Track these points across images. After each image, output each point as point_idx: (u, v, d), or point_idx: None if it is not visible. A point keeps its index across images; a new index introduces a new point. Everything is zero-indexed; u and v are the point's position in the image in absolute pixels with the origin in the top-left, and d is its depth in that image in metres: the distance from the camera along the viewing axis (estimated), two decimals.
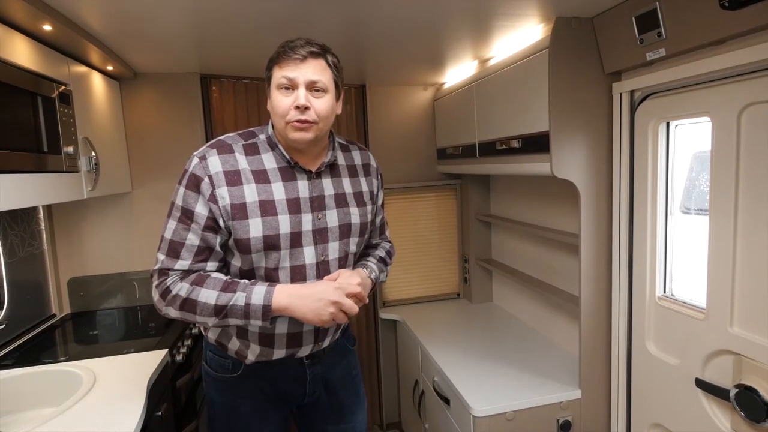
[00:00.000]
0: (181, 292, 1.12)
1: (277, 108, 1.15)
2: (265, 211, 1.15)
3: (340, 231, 1.25)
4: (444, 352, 1.99)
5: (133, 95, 2.20)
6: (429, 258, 2.74)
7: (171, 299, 1.13)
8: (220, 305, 1.11)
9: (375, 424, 2.83)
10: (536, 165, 1.59)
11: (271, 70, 1.17)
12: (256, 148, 1.20)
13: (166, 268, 1.15)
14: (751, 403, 1.14)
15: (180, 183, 1.16)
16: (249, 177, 1.16)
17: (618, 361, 1.60)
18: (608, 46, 1.45)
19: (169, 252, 1.15)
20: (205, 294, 1.12)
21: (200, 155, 1.16)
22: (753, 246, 1.15)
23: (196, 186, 1.14)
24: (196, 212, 1.14)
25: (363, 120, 2.61)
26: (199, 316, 1.13)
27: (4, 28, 1.31)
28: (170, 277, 1.14)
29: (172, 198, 1.17)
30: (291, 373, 1.31)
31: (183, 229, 1.14)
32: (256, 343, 1.24)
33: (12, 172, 1.28)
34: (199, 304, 1.11)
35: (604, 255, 1.59)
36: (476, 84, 2.02)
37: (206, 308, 1.11)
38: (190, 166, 1.15)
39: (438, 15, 1.46)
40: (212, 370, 1.33)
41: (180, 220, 1.14)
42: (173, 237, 1.15)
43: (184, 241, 1.15)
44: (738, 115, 1.14)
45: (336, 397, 1.40)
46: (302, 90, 1.13)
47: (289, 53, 1.14)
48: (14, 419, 1.39)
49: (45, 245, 2.10)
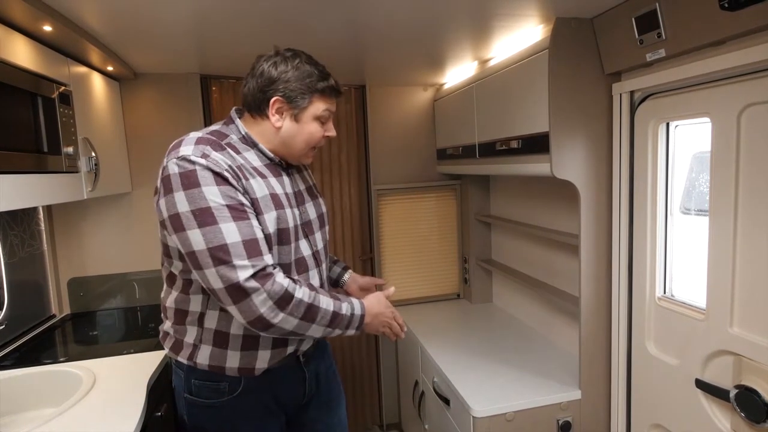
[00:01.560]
0: (305, 297, 1.04)
1: (312, 138, 1.18)
2: (276, 204, 1.14)
3: (319, 222, 1.30)
4: (444, 352, 1.99)
5: (133, 95, 2.20)
6: (429, 258, 2.74)
7: (294, 306, 1.02)
8: (335, 312, 1.08)
9: (375, 424, 2.83)
10: (536, 165, 1.59)
11: (311, 99, 1.16)
12: (235, 147, 1.16)
13: (263, 267, 1.01)
14: (751, 403, 1.14)
15: (197, 185, 1.02)
16: (251, 171, 1.13)
17: (618, 362, 1.60)
18: (608, 46, 1.45)
19: (250, 252, 1.00)
20: (324, 300, 1.07)
21: (198, 154, 1.05)
22: (753, 246, 1.15)
23: (222, 179, 1.03)
24: (244, 201, 1.04)
25: (363, 120, 2.62)
26: (317, 324, 1.06)
27: (4, 28, 1.31)
28: (278, 276, 1.02)
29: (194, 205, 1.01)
30: (292, 375, 1.30)
31: (245, 225, 1.03)
32: (267, 348, 1.19)
33: (12, 173, 1.28)
34: (321, 311, 1.06)
35: (604, 255, 1.59)
36: (476, 84, 2.02)
37: (326, 316, 1.07)
38: (197, 165, 1.03)
39: (438, 16, 1.46)
40: (203, 399, 1.21)
41: (234, 218, 1.02)
42: (243, 237, 1.01)
43: (255, 236, 1.03)
44: (738, 115, 1.14)
45: (325, 392, 1.40)
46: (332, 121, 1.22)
47: (335, 89, 1.19)
48: (14, 419, 1.39)
49: (45, 246, 2.10)
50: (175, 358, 1.24)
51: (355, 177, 2.64)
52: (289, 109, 1.16)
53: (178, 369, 1.25)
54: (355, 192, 2.65)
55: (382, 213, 2.67)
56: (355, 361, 2.73)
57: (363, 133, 2.63)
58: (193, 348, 1.20)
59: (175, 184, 1.03)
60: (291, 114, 1.17)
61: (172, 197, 1.03)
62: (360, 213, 2.67)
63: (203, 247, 1.01)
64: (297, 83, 1.15)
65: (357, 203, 2.65)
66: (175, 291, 1.20)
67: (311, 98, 1.15)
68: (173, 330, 1.23)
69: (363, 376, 2.76)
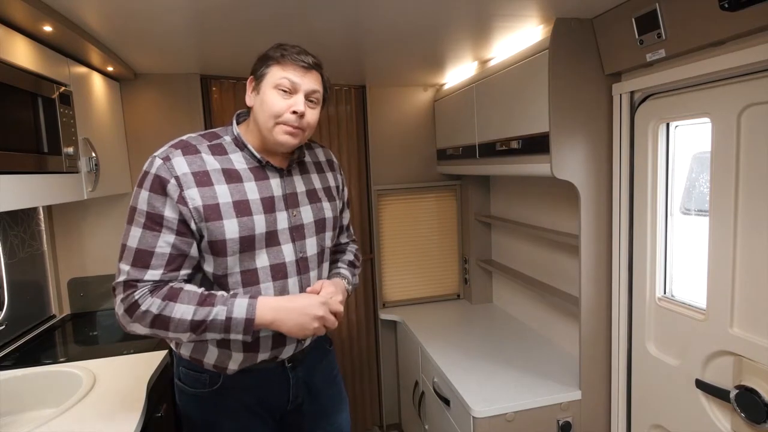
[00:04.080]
0: (152, 308, 1.05)
1: (272, 107, 1.13)
2: (240, 211, 1.13)
3: (315, 226, 1.26)
4: (444, 352, 1.99)
5: (134, 96, 2.20)
6: (429, 259, 2.74)
7: (139, 316, 1.05)
8: (197, 320, 1.06)
9: (375, 424, 2.83)
10: (536, 166, 1.59)
11: (268, 67, 1.14)
12: (222, 149, 1.17)
13: (134, 279, 1.06)
14: (752, 404, 1.14)
15: (141, 186, 1.08)
16: (219, 177, 1.13)
17: (618, 362, 1.60)
18: (608, 47, 1.45)
19: (136, 262, 1.07)
20: (180, 309, 1.06)
21: (163, 156, 1.10)
22: (753, 247, 1.15)
23: (162, 188, 1.07)
24: (166, 216, 1.07)
25: (363, 120, 2.62)
26: (173, 332, 1.07)
27: (5, 29, 1.31)
28: (138, 290, 1.06)
29: (132, 203, 1.09)
30: (274, 380, 1.27)
31: (151, 236, 1.07)
32: (239, 351, 1.19)
33: (12, 173, 1.28)
34: (173, 320, 1.05)
35: (604, 256, 1.59)
36: (476, 85, 2.02)
37: (181, 324, 1.06)
38: (153, 168, 1.08)
39: (438, 16, 1.47)
40: (187, 386, 1.25)
41: (146, 226, 1.07)
42: (140, 245, 1.07)
43: (153, 249, 1.07)
44: (738, 116, 1.14)
45: (319, 400, 1.37)
46: (302, 96, 1.14)
47: (295, 57, 1.14)
48: (14, 420, 1.39)
49: (45, 246, 2.10)
50: (171, 345, 1.28)
51: (355, 177, 2.64)
52: (255, 83, 1.18)
53: (174, 355, 1.29)
54: (355, 192, 2.64)
55: (382, 213, 2.67)
56: (355, 361, 2.73)
57: (363, 133, 2.63)
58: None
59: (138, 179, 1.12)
60: (257, 88, 1.17)
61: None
62: (360, 213, 2.67)
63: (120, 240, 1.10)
64: (260, 57, 1.18)
65: (357, 203, 2.65)
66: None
67: (268, 66, 1.15)
68: None
69: (363, 376, 2.76)
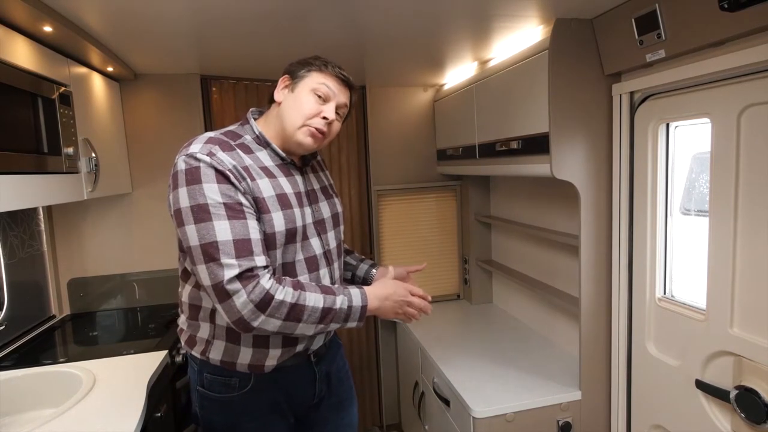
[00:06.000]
0: (287, 298, 1.04)
1: (304, 107, 1.18)
2: (283, 204, 1.15)
3: (333, 221, 1.33)
4: (444, 353, 1.99)
5: (134, 96, 2.20)
6: (429, 259, 2.73)
7: (275, 307, 1.03)
8: (327, 308, 1.08)
9: (375, 425, 2.83)
10: (536, 166, 1.59)
11: (309, 72, 1.20)
12: (247, 147, 1.19)
13: (249, 269, 1.01)
14: (752, 404, 1.14)
15: (199, 181, 1.04)
16: (259, 172, 1.15)
17: (618, 363, 1.60)
18: (608, 47, 1.45)
19: (240, 252, 1.02)
20: (312, 297, 1.06)
21: (206, 152, 1.07)
22: (753, 247, 1.14)
23: (225, 178, 1.05)
24: (243, 203, 1.05)
25: (363, 121, 2.62)
26: (304, 323, 1.06)
27: (5, 29, 1.31)
28: (261, 277, 1.03)
29: (193, 201, 1.04)
30: (303, 375, 1.30)
31: (240, 224, 1.04)
32: (277, 347, 1.20)
33: (12, 173, 1.28)
34: (308, 309, 1.06)
35: (604, 256, 1.59)
36: (476, 85, 2.02)
37: (314, 314, 1.06)
38: (202, 162, 1.05)
39: (438, 16, 1.47)
40: (214, 393, 1.23)
41: (229, 216, 1.03)
42: (234, 236, 1.02)
43: (248, 236, 1.04)
44: (738, 116, 1.14)
45: (336, 393, 1.41)
46: (333, 105, 1.20)
47: (337, 71, 1.21)
48: (14, 420, 1.39)
49: (45, 246, 2.10)
50: (190, 351, 1.26)
51: (355, 177, 2.64)
52: (290, 83, 1.22)
53: (193, 362, 1.27)
54: (355, 192, 2.65)
55: (382, 213, 2.67)
56: (355, 361, 2.73)
57: (363, 134, 2.63)
58: (206, 344, 1.22)
59: (180, 180, 1.06)
60: (291, 87, 1.21)
61: (177, 192, 1.07)
62: (360, 213, 2.67)
63: (197, 242, 1.04)
64: (300, 61, 1.24)
65: (357, 204, 2.65)
66: (189, 286, 1.23)
67: (309, 70, 1.20)
68: (187, 325, 1.26)
69: (363, 376, 2.76)
